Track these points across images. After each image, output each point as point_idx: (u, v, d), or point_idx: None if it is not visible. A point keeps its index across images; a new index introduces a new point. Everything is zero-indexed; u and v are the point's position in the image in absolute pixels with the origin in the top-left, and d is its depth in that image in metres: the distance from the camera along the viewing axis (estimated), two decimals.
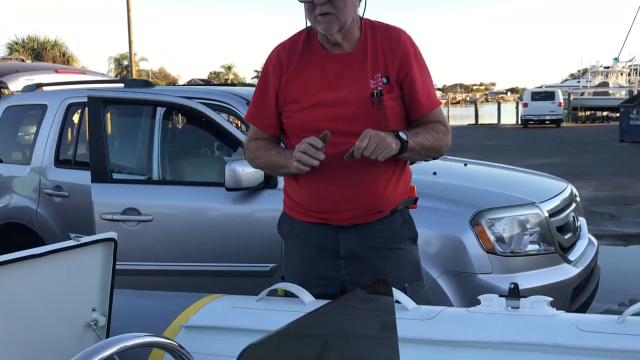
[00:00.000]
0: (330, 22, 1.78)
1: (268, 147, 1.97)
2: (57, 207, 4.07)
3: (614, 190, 9.40)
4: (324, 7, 1.76)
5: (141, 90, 3.74)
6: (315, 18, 1.79)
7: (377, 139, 1.68)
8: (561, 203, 3.39)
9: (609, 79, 46.19)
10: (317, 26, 1.81)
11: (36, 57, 31.92)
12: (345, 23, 1.81)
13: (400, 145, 1.76)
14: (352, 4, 1.82)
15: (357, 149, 1.68)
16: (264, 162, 2.00)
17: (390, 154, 1.73)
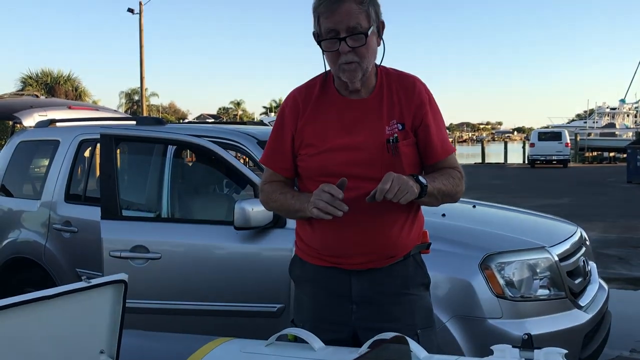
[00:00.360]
0: (354, 70, 1.81)
1: (283, 191, 1.97)
2: (65, 243, 4.08)
3: (622, 233, 9.33)
4: (349, 55, 1.79)
5: (153, 128, 3.79)
6: (339, 67, 1.82)
7: (400, 182, 1.69)
8: (571, 247, 3.36)
9: (615, 120, 46.34)
10: (341, 74, 1.83)
11: (49, 91, 32.39)
12: (367, 71, 1.84)
13: (420, 189, 1.77)
14: (374, 52, 1.86)
15: (380, 191, 1.68)
16: (278, 206, 1.99)
17: (412, 198, 1.73)
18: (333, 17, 1.76)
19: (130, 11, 27.04)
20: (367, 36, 1.78)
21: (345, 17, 1.76)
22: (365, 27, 1.78)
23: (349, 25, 1.76)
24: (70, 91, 34.30)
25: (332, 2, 1.75)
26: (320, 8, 1.78)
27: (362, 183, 1.80)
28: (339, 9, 1.75)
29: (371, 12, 1.80)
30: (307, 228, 1.97)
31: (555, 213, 10.25)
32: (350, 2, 1.76)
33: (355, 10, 1.76)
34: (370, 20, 1.80)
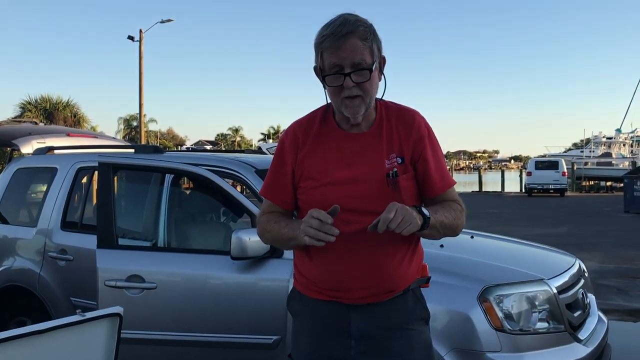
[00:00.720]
0: (358, 105, 1.82)
1: (278, 220, 1.96)
2: (60, 271, 4.05)
3: (621, 263, 9.30)
4: (353, 90, 1.79)
5: (151, 156, 3.79)
6: (342, 101, 1.82)
7: (404, 212, 1.67)
8: (570, 279, 3.35)
9: (611, 149, 46.58)
10: (343, 109, 1.84)
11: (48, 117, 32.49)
12: (369, 106, 1.85)
13: (422, 221, 1.76)
14: (377, 87, 1.87)
15: (383, 220, 1.66)
16: (272, 236, 1.97)
17: (415, 229, 1.71)
18: (338, 52, 1.77)
19: (130, 38, 27.28)
20: (371, 72, 1.80)
21: (350, 53, 1.77)
22: (369, 63, 1.80)
23: (354, 61, 1.78)
24: (69, 117, 34.43)
25: (337, 38, 1.76)
26: (325, 44, 1.79)
27: (361, 217, 1.79)
28: (344, 45, 1.76)
29: (374, 48, 1.82)
30: (305, 261, 1.96)
31: (553, 242, 10.22)
32: (355, 38, 1.77)
33: (360, 46, 1.78)
34: (374, 56, 1.82)
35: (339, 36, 1.76)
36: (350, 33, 1.76)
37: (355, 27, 1.77)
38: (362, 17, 1.83)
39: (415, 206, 1.78)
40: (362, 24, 1.80)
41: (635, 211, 18.54)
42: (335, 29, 1.76)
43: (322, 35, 1.79)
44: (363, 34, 1.78)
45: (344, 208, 1.80)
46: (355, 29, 1.77)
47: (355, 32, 1.77)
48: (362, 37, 1.78)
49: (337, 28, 1.76)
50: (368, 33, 1.80)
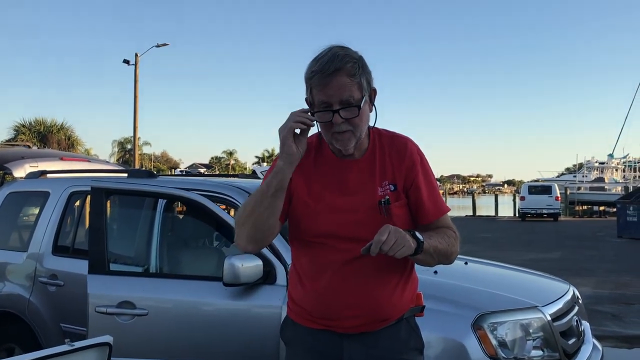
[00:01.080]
0: (348, 139, 1.82)
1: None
2: (50, 297, 4.00)
3: (615, 289, 9.28)
4: (342, 125, 1.80)
5: (144, 181, 3.77)
6: (332, 135, 1.83)
7: (397, 235, 1.66)
8: (564, 306, 3.33)
9: (604, 174, 46.83)
10: (334, 142, 1.84)
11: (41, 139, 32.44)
12: (360, 138, 1.86)
13: (416, 245, 1.74)
14: (367, 120, 1.87)
15: (376, 242, 1.64)
16: (250, 204, 1.80)
17: (408, 252, 1.69)
18: (325, 90, 1.77)
19: (126, 62, 27.43)
20: (359, 107, 1.80)
21: (338, 91, 1.76)
22: (357, 99, 1.79)
23: (342, 99, 1.77)
24: (63, 140, 34.40)
25: (325, 75, 1.76)
26: (313, 80, 1.79)
27: (354, 244, 1.79)
28: (331, 83, 1.76)
29: (363, 83, 1.81)
30: (299, 289, 1.95)
31: (546, 267, 10.18)
32: (343, 75, 1.76)
33: (347, 83, 1.77)
34: (363, 90, 1.81)
35: (326, 74, 1.75)
36: (337, 70, 1.75)
37: (343, 64, 1.76)
38: (351, 51, 1.83)
39: (409, 230, 1.77)
40: (351, 59, 1.79)
41: (628, 236, 18.58)
42: (323, 65, 1.76)
43: (311, 71, 1.79)
44: (351, 70, 1.77)
45: (336, 235, 1.79)
46: (343, 66, 1.76)
47: (343, 69, 1.76)
48: (350, 73, 1.77)
49: (325, 65, 1.76)
50: (356, 68, 1.79)
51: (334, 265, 1.76)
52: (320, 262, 1.87)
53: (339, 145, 1.84)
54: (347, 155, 1.90)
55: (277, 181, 1.76)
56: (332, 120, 1.79)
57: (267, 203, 1.78)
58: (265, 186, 1.78)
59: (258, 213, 1.78)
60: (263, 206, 1.78)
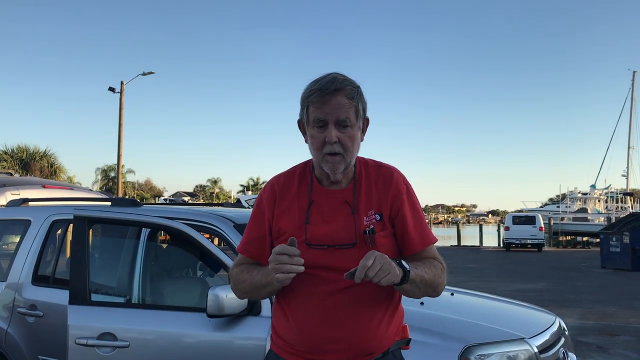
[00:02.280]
0: (338, 162, 1.83)
1: (250, 269, 1.91)
2: (29, 328, 3.90)
3: (599, 320, 9.28)
4: (334, 146, 1.81)
5: (128, 210, 3.73)
6: (323, 157, 1.83)
7: (383, 261, 1.62)
8: (551, 338, 3.32)
9: (587, 205, 47.28)
10: (324, 165, 1.84)
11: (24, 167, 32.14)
12: (349, 164, 1.86)
13: (402, 274, 1.71)
14: (358, 146, 1.88)
15: (361, 267, 1.60)
16: (246, 286, 1.90)
17: (394, 280, 1.65)
18: (324, 107, 1.80)
19: (111, 90, 27.41)
20: (353, 130, 1.82)
21: (336, 109, 1.79)
22: (352, 121, 1.82)
23: (338, 118, 1.80)
24: (46, 167, 34.11)
25: (324, 93, 1.79)
26: (312, 98, 1.81)
27: (338, 275, 1.76)
28: (331, 101, 1.79)
29: (359, 108, 1.85)
30: (282, 321, 1.91)
31: (532, 298, 10.18)
32: (342, 95, 1.80)
33: (346, 103, 1.80)
34: (358, 115, 1.84)
35: (326, 92, 1.79)
36: (337, 90, 1.79)
37: (343, 85, 1.80)
38: (350, 78, 1.87)
39: (396, 259, 1.74)
40: (350, 83, 1.83)
41: (612, 267, 18.69)
42: (324, 85, 1.79)
43: (310, 90, 1.82)
44: (350, 93, 1.81)
45: (321, 265, 1.77)
46: (343, 87, 1.80)
47: (343, 90, 1.80)
48: (349, 95, 1.81)
49: (325, 84, 1.79)
50: (355, 93, 1.83)
51: (318, 296, 1.73)
52: (305, 293, 1.84)
53: (327, 168, 1.84)
54: (333, 184, 1.90)
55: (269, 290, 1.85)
56: (325, 139, 1.80)
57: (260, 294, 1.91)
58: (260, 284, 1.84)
59: (252, 294, 1.93)
60: (256, 291, 1.89)
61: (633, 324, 8.89)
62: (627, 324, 8.95)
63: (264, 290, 1.86)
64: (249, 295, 1.95)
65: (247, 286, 1.90)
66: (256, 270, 1.89)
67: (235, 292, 1.99)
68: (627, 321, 9.17)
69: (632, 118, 55.83)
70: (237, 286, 1.95)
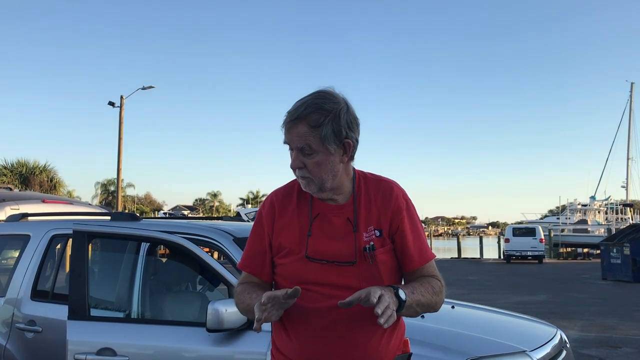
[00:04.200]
0: (308, 184, 1.85)
1: (250, 291, 1.90)
2: (28, 344, 3.88)
3: (601, 332, 9.24)
4: (301, 171, 1.84)
5: (127, 224, 3.73)
6: (296, 176, 1.88)
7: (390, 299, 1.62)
8: (552, 351, 3.30)
9: (587, 216, 47.23)
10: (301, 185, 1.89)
11: (23, 181, 32.13)
12: (322, 184, 1.85)
13: (397, 304, 1.68)
14: (330, 170, 1.84)
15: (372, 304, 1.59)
16: (245, 307, 1.91)
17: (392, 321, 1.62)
18: (287, 134, 1.83)
19: (111, 104, 27.48)
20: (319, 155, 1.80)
21: (295, 138, 1.81)
22: (316, 149, 1.80)
23: (297, 146, 1.82)
24: (45, 182, 34.08)
25: (287, 121, 1.82)
26: (283, 122, 1.85)
27: (339, 291, 1.75)
28: (292, 129, 1.82)
29: (327, 133, 1.79)
30: (283, 336, 1.90)
31: (533, 310, 10.14)
32: (303, 125, 1.79)
33: (306, 133, 1.79)
34: (325, 141, 1.79)
35: (288, 120, 1.82)
36: (299, 119, 1.79)
37: (306, 114, 1.79)
38: (331, 100, 1.82)
39: (393, 287, 1.73)
40: (319, 109, 1.79)
41: (613, 278, 18.65)
42: (290, 111, 1.82)
43: (285, 114, 1.85)
44: (315, 121, 1.78)
45: (321, 282, 1.76)
46: (306, 116, 1.79)
47: (305, 119, 1.79)
48: (313, 123, 1.78)
49: (291, 111, 1.82)
50: (321, 119, 1.78)
51: (319, 312, 1.73)
52: (305, 309, 1.82)
53: (302, 188, 1.88)
54: (331, 200, 1.90)
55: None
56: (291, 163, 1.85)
57: None
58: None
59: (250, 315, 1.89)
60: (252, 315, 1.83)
61: (635, 336, 8.85)
62: (629, 335, 8.91)
63: None
64: (248, 315, 1.94)
65: (244, 308, 1.92)
66: (255, 294, 1.88)
67: (237, 308, 2.00)
68: (629, 333, 9.13)
69: (630, 129, 55.95)
70: (237, 305, 1.97)
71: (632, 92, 56.09)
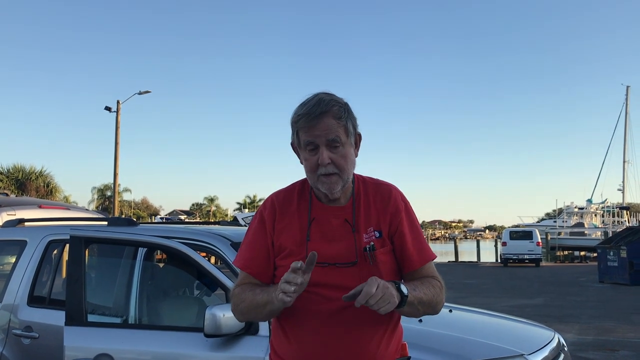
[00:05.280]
0: (335, 182, 1.83)
1: (252, 288, 1.88)
2: (24, 350, 3.87)
3: (599, 335, 9.25)
4: (328, 167, 1.81)
5: (124, 229, 3.72)
6: (318, 178, 1.83)
7: (384, 290, 1.62)
8: (550, 354, 3.31)
9: (584, 219, 47.37)
10: (320, 186, 1.84)
11: (20, 187, 32.07)
12: (346, 182, 1.86)
13: (400, 299, 1.70)
14: (352, 163, 1.88)
15: (364, 294, 1.59)
16: (247, 305, 1.86)
17: (392, 308, 1.66)
18: (312, 131, 1.80)
19: (107, 109, 27.44)
20: (345, 148, 1.83)
21: (324, 132, 1.80)
22: (343, 140, 1.82)
23: (328, 139, 1.80)
24: (42, 187, 34.02)
25: (311, 118, 1.79)
26: (300, 123, 1.82)
27: (338, 292, 1.75)
28: (319, 124, 1.79)
29: (349, 126, 1.85)
30: (282, 340, 1.90)
31: (530, 314, 10.14)
32: (329, 117, 1.80)
33: (334, 124, 1.80)
34: (348, 133, 1.84)
35: (313, 116, 1.79)
36: (324, 113, 1.79)
37: (329, 107, 1.80)
38: (337, 96, 1.87)
39: (395, 282, 1.74)
40: (337, 103, 1.83)
41: (610, 281, 18.67)
42: (310, 108, 1.80)
43: (298, 114, 1.82)
44: (337, 113, 1.81)
45: (321, 283, 1.76)
46: (329, 109, 1.80)
47: (330, 112, 1.80)
48: (336, 116, 1.81)
49: (311, 108, 1.80)
50: (342, 112, 1.83)
51: (319, 315, 1.72)
52: (306, 312, 1.83)
53: (325, 189, 1.83)
54: (332, 201, 1.90)
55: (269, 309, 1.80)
56: (318, 161, 1.80)
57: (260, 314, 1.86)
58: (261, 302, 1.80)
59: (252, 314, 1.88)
60: (255, 311, 1.84)
61: (632, 339, 8.86)
62: (626, 338, 8.92)
63: (265, 309, 1.81)
64: (249, 315, 1.90)
65: (248, 305, 1.86)
66: (259, 288, 1.86)
67: (235, 313, 1.94)
68: (626, 336, 9.14)
69: (626, 132, 56.23)
70: (237, 306, 1.91)
71: (627, 96, 56.41)
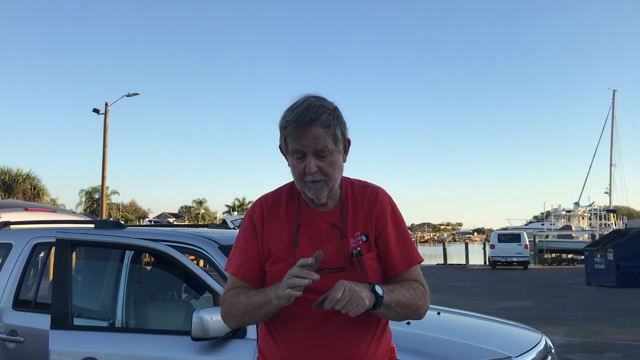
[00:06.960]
0: (320, 188, 1.81)
1: (246, 291, 1.86)
2: (9, 354, 3.82)
3: (586, 337, 9.30)
4: (315, 175, 1.79)
5: (111, 232, 3.69)
6: (305, 184, 1.82)
7: (351, 293, 1.61)
8: (537, 356, 3.32)
9: (571, 222, 47.64)
10: (307, 191, 1.83)
11: (6, 189, 31.79)
12: (333, 188, 1.85)
13: (374, 300, 1.69)
14: (340, 170, 1.86)
15: (330, 299, 1.60)
16: (242, 307, 1.82)
17: (362, 310, 1.65)
18: (300, 140, 1.78)
19: (95, 111, 27.28)
20: (333, 156, 1.81)
21: (312, 141, 1.77)
22: (331, 149, 1.80)
23: (316, 148, 1.78)
24: (29, 190, 33.76)
25: (300, 126, 1.76)
26: (288, 130, 1.79)
27: None
28: (306, 133, 1.77)
29: (337, 133, 1.82)
30: (270, 343, 1.89)
31: (518, 316, 10.18)
32: (318, 126, 1.77)
33: (322, 134, 1.78)
34: (337, 141, 1.82)
35: (301, 124, 1.76)
36: (313, 121, 1.76)
37: (318, 115, 1.77)
38: (327, 101, 1.84)
39: (370, 283, 1.73)
40: (326, 109, 1.80)
41: (597, 284, 18.80)
42: (299, 116, 1.76)
43: (286, 120, 1.79)
44: (326, 121, 1.78)
45: (309, 288, 1.76)
46: (318, 117, 1.77)
47: (318, 120, 1.77)
48: (325, 124, 1.78)
49: (300, 115, 1.76)
50: (331, 119, 1.80)
51: (308, 320, 1.71)
52: (295, 317, 1.82)
53: (311, 195, 1.83)
54: (320, 206, 1.89)
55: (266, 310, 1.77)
56: (305, 169, 1.79)
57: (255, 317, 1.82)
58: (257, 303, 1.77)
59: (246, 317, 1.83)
60: (250, 314, 1.81)
61: (619, 341, 8.92)
62: (613, 340, 8.98)
63: (261, 310, 1.78)
64: (243, 318, 1.85)
65: (242, 307, 1.82)
66: (254, 291, 1.84)
67: (226, 318, 1.89)
68: (613, 338, 9.21)
69: (613, 136, 56.68)
70: (230, 310, 1.86)
71: (614, 99, 56.87)
